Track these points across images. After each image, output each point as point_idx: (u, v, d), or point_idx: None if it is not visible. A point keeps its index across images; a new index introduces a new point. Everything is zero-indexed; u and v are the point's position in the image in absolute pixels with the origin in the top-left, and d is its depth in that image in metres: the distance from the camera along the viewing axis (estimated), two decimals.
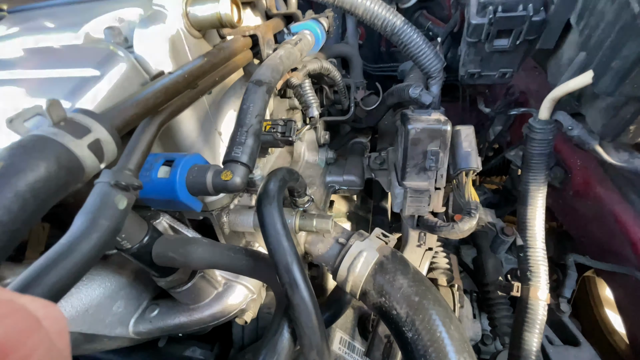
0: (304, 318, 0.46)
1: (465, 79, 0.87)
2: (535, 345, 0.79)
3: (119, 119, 0.37)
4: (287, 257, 0.47)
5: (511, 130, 1.39)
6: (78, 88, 0.44)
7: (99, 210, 0.35)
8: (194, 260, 0.54)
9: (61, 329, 0.22)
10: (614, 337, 1.39)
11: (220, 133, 0.70)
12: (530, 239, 0.85)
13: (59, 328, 0.22)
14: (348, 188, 1.10)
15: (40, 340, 0.20)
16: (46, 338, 0.20)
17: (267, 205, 0.50)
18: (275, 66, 0.61)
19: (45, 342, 0.20)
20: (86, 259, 0.34)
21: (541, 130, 0.79)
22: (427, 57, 0.80)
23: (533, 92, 1.29)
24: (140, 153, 0.41)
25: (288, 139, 0.70)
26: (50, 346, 0.20)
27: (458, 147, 0.80)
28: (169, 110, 0.47)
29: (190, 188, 0.49)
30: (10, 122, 0.31)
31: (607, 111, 0.67)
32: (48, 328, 0.21)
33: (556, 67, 0.80)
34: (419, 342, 0.57)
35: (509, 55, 0.80)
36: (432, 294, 0.62)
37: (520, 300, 0.84)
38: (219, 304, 0.72)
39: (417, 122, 0.76)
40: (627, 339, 1.16)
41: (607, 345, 1.36)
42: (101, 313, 0.65)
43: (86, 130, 0.33)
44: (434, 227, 0.80)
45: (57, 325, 0.22)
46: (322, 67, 0.87)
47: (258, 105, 0.53)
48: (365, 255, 0.66)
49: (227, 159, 0.49)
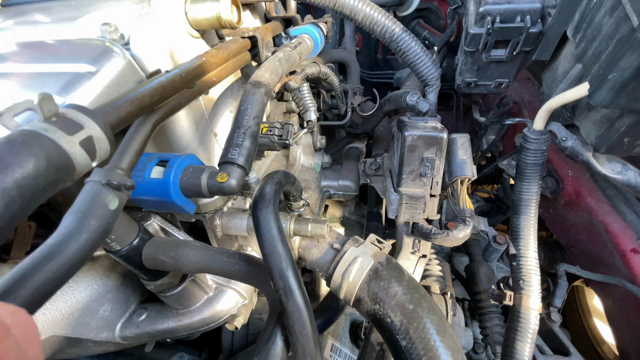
0: (298, 326, 0.44)
1: (461, 87, 0.87)
2: (527, 355, 0.79)
3: (113, 116, 0.36)
4: (282, 262, 0.46)
5: (504, 139, 1.41)
6: (71, 83, 0.43)
7: (89, 210, 0.34)
8: (185, 264, 0.53)
9: (31, 336, 0.21)
10: (603, 347, 1.40)
11: (216, 134, 0.69)
12: (523, 247, 0.86)
13: (29, 335, 0.21)
14: (343, 193, 1.09)
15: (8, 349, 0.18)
16: (15, 346, 0.19)
17: (263, 209, 0.49)
18: (274, 68, 0.60)
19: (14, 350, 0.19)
20: (74, 261, 0.32)
21: (535, 141, 0.80)
22: (425, 65, 0.81)
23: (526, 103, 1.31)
24: (133, 152, 0.40)
25: (285, 142, 0.69)
26: (20, 355, 0.19)
27: (454, 155, 0.81)
28: (164, 109, 0.45)
29: (185, 189, 0.48)
30: (2, 115, 0.30)
31: (601, 123, 0.68)
32: (17, 336, 0.19)
33: (551, 79, 0.82)
34: (412, 350, 0.57)
35: (505, 66, 0.81)
36: (427, 302, 0.62)
37: (513, 309, 0.84)
38: (210, 309, 0.70)
39: (413, 129, 0.76)
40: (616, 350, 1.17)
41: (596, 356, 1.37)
42: (87, 317, 0.62)
43: (78, 127, 0.32)
44: (428, 234, 0.80)
45: (27, 332, 0.21)
46: (320, 72, 0.87)
47: (256, 107, 0.53)
48: (360, 262, 0.65)
49: (223, 161, 0.48)
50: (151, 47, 0.53)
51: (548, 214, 1.20)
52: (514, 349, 0.80)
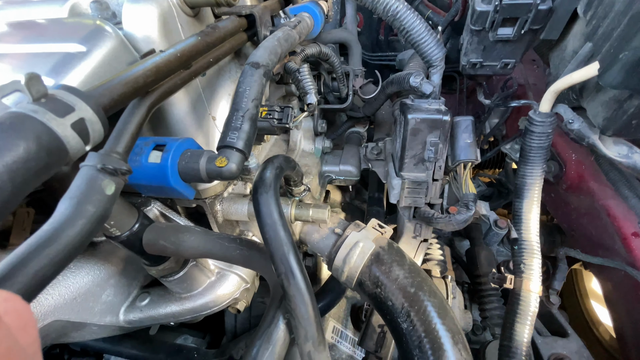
0: (300, 309, 0.44)
1: (466, 68, 0.85)
2: (526, 337, 0.80)
3: (105, 97, 0.34)
4: (283, 247, 0.45)
5: (507, 123, 1.38)
6: (62, 64, 0.41)
7: (85, 196, 0.33)
8: (186, 249, 0.52)
9: (26, 323, 0.20)
10: (599, 328, 1.43)
11: (214, 118, 0.68)
12: (525, 231, 0.85)
13: (24, 323, 0.20)
14: (344, 178, 1.08)
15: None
16: (6, 335, 0.18)
17: (264, 194, 0.48)
18: (273, 48, 0.58)
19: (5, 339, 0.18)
20: (71, 247, 0.32)
21: (541, 123, 0.78)
22: (429, 45, 0.78)
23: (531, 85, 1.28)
24: (129, 136, 0.39)
25: (285, 125, 0.67)
26: (12, 344, 0.18)
27: (457, 139, 0.79)
28: (160, 91, 0.44)
29: (183, 174, 0.47)
30: None
31: (609, 105, 0.66)
32: (9, 324, 0.19)
33: (559, 59, 0.79)
34: (413, 332, 0.57)
35: (512, 45, 0.78)
36: (428, 286, 0.62)
37: (513, 292, 0.85)
38: (212, 294, 0.71)
39: (417, 112, 0.74)
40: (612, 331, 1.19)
41: (593, 336, 1.40)
42: (90, 301, 0.63)
43: (69, 109, 0.30)
44: (430, 218, 0.80)
45: (20, 320, 0.20)
46: (321, 52, 0.84)
47: (255, 88, 0.51)
48: (362, 246, 0.65)
49: (222, 145, 0.47)
50: (144, 25, 0.50)
51: (549, 198, 1.19)
52: (514, 330, 0.81)
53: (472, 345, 1.16)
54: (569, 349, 1.03)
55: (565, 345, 1.03)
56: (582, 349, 1.04)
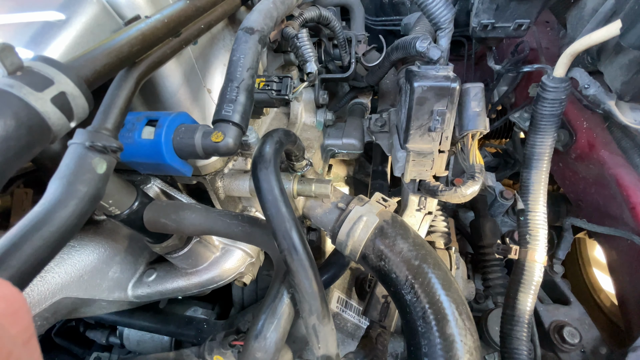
0: (304, 284, 0.44)
1: (477, 31, 0.79)
2: (529, 306, 0.81)
3: (87, 69, 0.32)
4: (285, 223, 0.44)
5: (517, 90, 1.33)
6: (40, 34, 0.38)
7: (75, 175, 0.32)
8: (187, 226, 0.52)
9: (16, 310, 0.19)
10: (600, 295, 1.45)
11: (210, 90, 0.65)
12: (532, 202, 0.84)
13: (14, 309, 0.19)
14: (347, 152, 1.06)
15: None
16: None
17: (263, 170, 0.47)
18: (269, 11, 0.54)
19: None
20: (64, 228, 0.31)
21: (554, 89, 0.74)
22: (437, 5, 0.72)
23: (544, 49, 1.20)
24: (117, 111, 0.36)
25: (284, 97, 0.64)
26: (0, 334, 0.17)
27: (466, 107, 0.76)
28: (148, 61, 0.41)
29: (178, 150, 0.45)
30: None
31: (629, 68, 0.62)
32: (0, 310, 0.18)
33: (577, 18, 0.73)
34: (417, 304, 0.58)
35: (527, 4, 0.72)
36: (432, 258, 0.62)
37: (518, 262, 0.85)
38: (217, 269, 0.71)
39: (424, 79, 0.70)
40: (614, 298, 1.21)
41: (594, 303, 1.42)
42: (97, 278, 0.64)
43: (48, 82, 0.28)
44: (435, 191, 0.78)
45: (10, 306, 0.19)
46: (320, 16, 0.78)
47: (250, 56, 0.48)
48: (365, 220, 0.64)
49: (217, 118, 0.44)
50: None
51: (557, 167, 1.17)
52: (517, 299, 0.81)
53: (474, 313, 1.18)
54: (570, 316, 1.05)
55: (567, 313, 1.05)
56: (584, 316, 1.06)
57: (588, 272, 1.57)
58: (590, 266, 1.57)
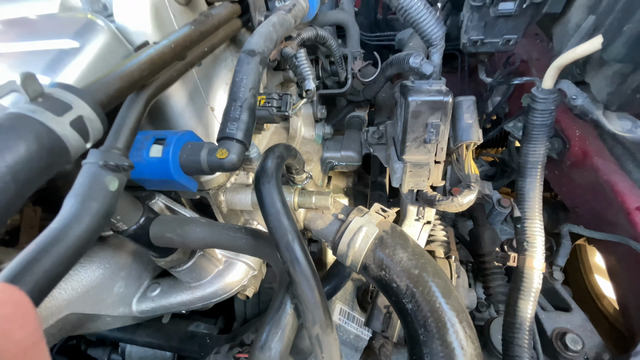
0: (307, 295, 0.46)
1: (467, 46, 0.83)
2: (530, 313, 0.81)
3: (102, 93, 0.34)
4: (287, 235, 0.46)
5: (510, 101, 1.36)
6: (56, 61, 0.41)
7: (89, 193, 0.33)
8: (192, 240, 0.53)
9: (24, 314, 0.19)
10: (603, 302, 1.45)
11: (213, 109, 0.67)
12: (528, 210, 0.85)
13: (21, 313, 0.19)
14: (346, 164, 1.08)
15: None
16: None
17: (266, 184, 0.49)
18: (269, 34, 0.57)
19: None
20: (79, 243, 0.32)
21: (544, 100, 0.77)
22: (428, 23, 0.76)
23: (534, 61, 1.25)
24: (128, 131, 0.39)
25: (284, 113, 0.67)
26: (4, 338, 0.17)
27: (459, 119, 0.78)
28: (156, 84, 0.44)
29: (185, 167, 0.47)
30: None
31: (613, 79, 0.65)
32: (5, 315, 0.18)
33: (563, 33, 0.77)
34: (418, 313, 0.58)
35: (514, 21, 0.76)
36: (432, 267, 0.63)
37: (517, 269, 0.86)
38: (220, 282, 0.72)
39: (418, 94, 0.73)
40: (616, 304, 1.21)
41: (596, 310, 1.42)
42: (102, 294, 0.65)
43: (67, 107, 0.30)
44: (433, 201, 0.80)
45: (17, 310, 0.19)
46: (317, 36, 0.82)
47: (252, 77, 0.50)
48: (365, 231, 0.66)
49: (222, 136, 0.46)
50: (136, 16, 0.49)
51: (553, 175, 1.19)
52: (517, 307, 0.82)
53: (477, 322, 1.19)
54: (572, 323, 1.05)
55: (568, 320, 1.05)
56: (586, 323, 1.06)
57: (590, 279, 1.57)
58: (592, 273, 1.57)
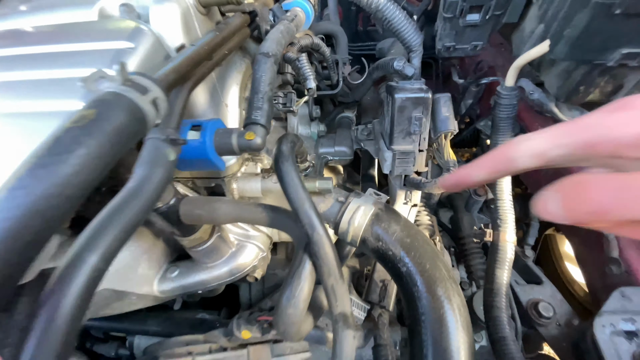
0: (323, 251, 0.55)
1: (442, 52, 0.97)
2: (506, 280, 0.94)
3: (165, 82, 0.43)
4: (305, 202, 0.55)
5: (481, 103, 1.52)
6: (118, 57, 0.49)
7: (155, 161, 0.42)
8: (220, 216, 0.61)
9: None
10: (574, 286, 1.60)
11: (227, 105, 0.76)
12: (499, 192, 0.99)
13: None
14: (339, 158, 1.18)
15: None
16: None
17: (285, 162, 0.58)
18: (279, 40, 0.67)
19: None
20: (150, 201, 0.40)
21: (507, 96, 0.91)
22: (409, 32, 0.89)
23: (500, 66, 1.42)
24: (177, 116, 0.47)
25: (289, 108, 0.77)
26: None
27: (438, 113, 0.91)
28: (194, 78, 0.53)
29: (218, 148, 0.55)
30: (85, 82, 0.37)
31: (561, 75, 0.80)
32: None
33: (520, 39, 0.92)
34: (411, 274, 0.69)
35: (479, 29, 0.90)
36: (421, 236, 0.74)
37: (492, 244, 0.98)
38: (235, 262, 0.80)
39: (402, 92, 0.85)
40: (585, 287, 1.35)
41: (569, 294, 1.57)
42: (129, 273, 0.71)
43: (146, 90, 0.39)
44: (419, 184, 0.91)
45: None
46: (313, 43, 0.93)
47: (269, 74, 0.60)
48: (363, 209, 0.76)
49: (248, 122, 0.56)
50: (170, 24, 0.58)
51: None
52: (495, 275, 0.94)
53: None
54: (544, 294, 1.18)
55: (540, 291, 1.18)
56: (556, 293, 1.19)
57: (561, 266, 1.73)
58: (562, 260, 1.73)
